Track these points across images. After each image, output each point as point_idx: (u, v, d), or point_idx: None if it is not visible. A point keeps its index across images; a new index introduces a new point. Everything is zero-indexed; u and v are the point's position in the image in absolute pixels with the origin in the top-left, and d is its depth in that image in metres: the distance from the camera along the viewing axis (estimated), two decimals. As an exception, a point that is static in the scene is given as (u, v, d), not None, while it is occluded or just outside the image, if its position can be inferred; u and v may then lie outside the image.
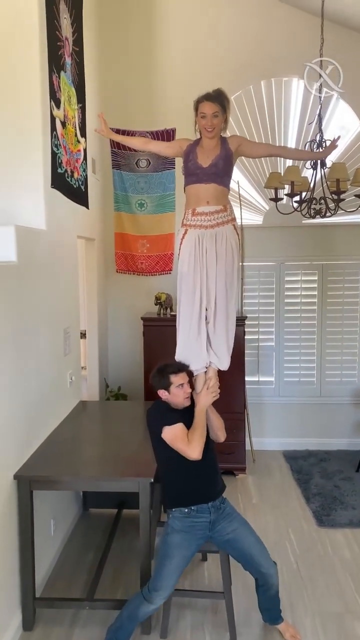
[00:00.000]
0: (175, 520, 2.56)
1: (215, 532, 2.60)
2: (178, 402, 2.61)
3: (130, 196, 5.02)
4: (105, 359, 5.10)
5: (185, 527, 2.55)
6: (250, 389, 5.09)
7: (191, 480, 2.58)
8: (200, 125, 2.71)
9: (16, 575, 2.73)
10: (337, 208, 3.60)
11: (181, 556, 2.53)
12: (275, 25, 4.83)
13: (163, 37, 4.91)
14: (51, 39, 3.25)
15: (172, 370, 2.60)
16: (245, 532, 2.66)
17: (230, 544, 2.62)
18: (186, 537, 2.54)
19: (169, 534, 2.56)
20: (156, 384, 2.63)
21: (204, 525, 2.57)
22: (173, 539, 2.54)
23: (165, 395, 2.61)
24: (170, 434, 2.52)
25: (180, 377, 2.59)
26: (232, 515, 2.66)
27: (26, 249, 2.87)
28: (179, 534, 2.54)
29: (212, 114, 2.67)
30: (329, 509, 4.04)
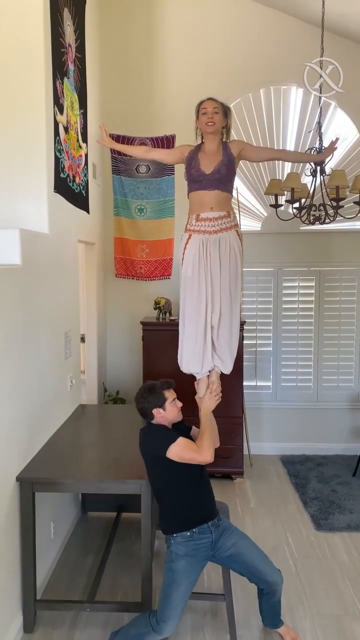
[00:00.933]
0: (179, 545, 2.49)
1: (217, 550, 2.56)
2: (172, 418, 2.58)
3: (130, 201, 5.06)
4: (104, 364, 5.11)
5: (190, 550, 2.49)
6: (248, 393, 5.12)
7: (190, 501, 2.54)
8: (202, 123, 2.75)
9: (17, 577, 2.74)
10: (336, 215, 3.65)
11: (189, 581, 2.49)
12: (274, 35, 4.89)
13: (163, 45, 4.96)
14: (55, 45, 3.29)
15: (163, 387, 2.57)
16: (246, 544, 2.63)
17: (233, 559, 2.59)
18: (191, 561, 2.49)
19: (173, 560, 2.48)
20: (150, 404, 2.55)
21: (207, 546, 2.53)
22: (178, 566, 2.47)
23: (160, 414, 2.55)
24: (177, 449, 2.45)
25: (172, 392, 2.59)
26: (229, 530, 2.62)
27: (30, 253, 2.90)
28: (184, 559, 2.48)
29: (212, 109, 2.72)
30: (327, 513, 4.07)
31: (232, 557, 2.58)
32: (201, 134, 2.81)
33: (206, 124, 2.71)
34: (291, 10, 4.80)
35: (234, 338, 2.77)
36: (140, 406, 2.58)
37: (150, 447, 2.54)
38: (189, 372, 2.80)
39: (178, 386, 3.76)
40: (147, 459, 2.57)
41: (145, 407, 2.56)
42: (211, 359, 2.74)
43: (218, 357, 2.75)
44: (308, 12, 4.60)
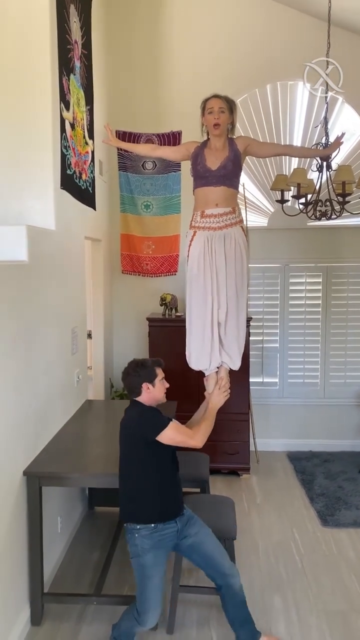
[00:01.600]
0: (144, 539, 2.41)
1: (181, 537, 2.51)
2: (159, 397, 2.53)
3: (136, 198, 5.06)
4: (110, 359, 5.13)
5: (155, 543, 2.42)
6: (255, 390, 5.12)
7: (165, 493, 2.47)
8: (207, 122, 2.74)
9: (25, 570, 2.77)
10: (342, 210, 3.64)
11: (160, 572, 2.45)
12: (281, 29, 4.87)
13: (169, 41, 4.95)
14: (61, 42, 3.29)
15: (155, 363, 2.52)
16: (207, 534, 2.57)
17: (194, 548, 2.53)
18: (158, 552, 2.43)
19: (140, 555, 2.42)
20: (141, 378, 2.47)
21: (172, 535, 2.47)
22: (147, 560, 2.41)
23: (149, 389, 2.47)
24: (170, 432, 2.40)
25: (161, 371, 2.53)
26: (193, 519, 2.58)
27: (37, 249, 2.91)
28: (151, 552, 2.41)
29: (218, 108, 2.71)
30: (333, 509, 4.07)
31: (193, 546, 2.53)
32: (207, 130, 2.80)
33: (213, 125, 2.71)
34: (298, 5, 4.78)
35: (241, 334, 2.77)
36: (129, 380, 2.49)
37: (140, 428, 2.43)
38: (198, 369, 2.81)
39: (186, 382, 3.79)
40: (131, 441, 2.46)
41: (135, 381, 2.47)
42: (219, 355, 2.74)
43: (226, 353, 2.75)
44: (315, 7, 4.58)
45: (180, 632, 2.76)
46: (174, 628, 2.78)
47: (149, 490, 2.44)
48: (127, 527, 2.46)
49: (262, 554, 3.52)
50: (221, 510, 2.94)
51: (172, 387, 4.36)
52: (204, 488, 3.42)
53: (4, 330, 2.52)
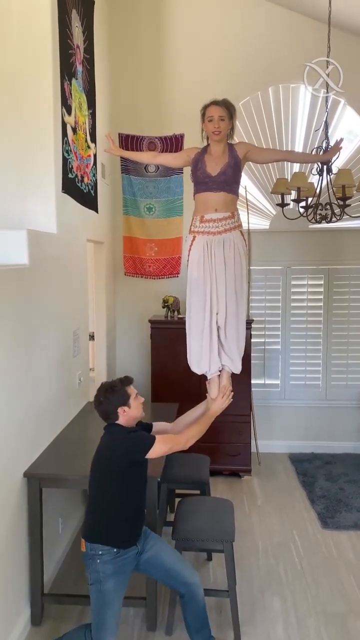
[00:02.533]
0: (106, 565, 2.32)
1: (140, 557, 2.48)
2: (137, 415, 2.47)
3: (139, 200, 5.09)
4: (113, 361, 5.16)
5: (118, 567, 2.35)
6: (256, 391, 5.13)
7: (132, 520, 2.42)
8: (207, 129, 2.77)
9: (25, 571, 2.79)
10: (342, 213, 3.65)
11: (120, 597, 2.37)
12: (283, 32, 4.88)
13: (171, 44, 4.98)
14: (63, 47, 3.32)
15: (124, 383, 2.45)
16: (163, 547, 2.54)
17: (151, 562, 2.48)
18: (120, 577, 2.36)
19: (101, 582, 2.32)
20: (114, 403, 2.40)
21: (132, 558, 2.43)
22: (108, 586, 2.32)
23: (125, 412, 2.41)
24: (159, 446, 2.38)
25: (132, 388, 2.48)
26: (146, 533, 2.55)
27: (37, 252, 2.94)
28: (113, 578, 2.33)
29: (218, 117, 2.73)
30: (334, 511, 4.07)
31: (150, 560, 2.47)
32: (207, 136, 2.83)
33: (213, 133, 2.73)
34: (300, 8, 4.79)
35: (241, 337, 2.79)
36: (103, 408, 2.42)
37: (127, 450, 2.36)
38: (200, 372, 2.83)
39: (187, 384, 3.80)
40: (109, 463, 2.38)
41: (109, 408, 2.41)
42: (219, 359, 2.76)
43: (227, 356, 2.77)
44: (316, 10, 4.59)
45: (179, 633, 2.78)
46: (173, 629, 2.79)
47: (120, 515, 2.38)
48: (87, 553, 2.36)
49: (262, 555, 3.53)
50: (220, 513, 2.95)
51: (174, 389, 4.44)
52: (204, 490, 3.43)
53: (5, 333, 2.55)
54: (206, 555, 3.47)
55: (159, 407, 4.17)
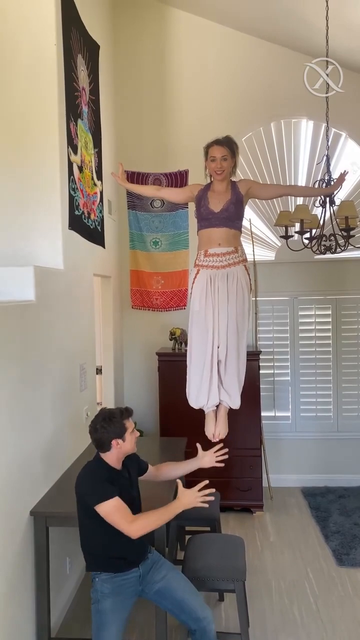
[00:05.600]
0: (104, 583, 2.33)
1: (146, 584, 2.42)
2: (130, 449, 2.43)
3: (145, 235, 5.16)
4: (121, 395, 5.14)
5: (116, 588, 2.33)
6: (267, 424, 5.07)
7: (119, 548, 2.35)
8: (210, 168, 2.82)
9: (32, 614, 2.72)
10: (347, 244, 3.67)
11: (119, 620, 2.32)
12: (282, 70, 5.00)
13: (174, 84, 5.12)
14: (69, 89, 3.43)
15: (123, 415, 2.40)
16: (176, 577, 2.47)
17: (162, 593, 2.42)
18: (119, 598, 2.32)
19: (99, 601, 2.32)
20: (109, 434, 2.34)
21: (134, 581, 2.38)
22: (105, 606, 2.30)
23: (119, 444, 2.36)
24: (106, 509, 2.25)
25: (131, 422, 2.44)
26: (159, 562, 2.49)
27: (44, 289, 2.97)
28: (111, 598, 2.31)
29: (221, 157, 2.78)
30: (349, 547, 3.96)
31: (161, 591, 2.41)
32: (210, 174, 2.88)
33: (215, 172, 2.79)
34: (300, 47, 4.92)
35: (241, 372, 2.78)
36: (97, 436, 2.36)
37: (86, 492, 2.33)
38: (197, 407, 2.81)
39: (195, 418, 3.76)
40: (81, 501, 2.37)
41: (104, 438, 2.35)
42: (217, 393, 2.73)
43: (225, 391, 2.75)
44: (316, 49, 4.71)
45: None
46: (184, 674, 2.69)
47: (103, 546, 2.35)
48: (91, 574, 2.39)
49: (275, 594, 3.42)
50: (231, 550, 2.88)
51: (182, 423, 4.39)
52: (214, 527, 3.36)
53: (11, 370, 2.55)
54: (218, 596, 3.37)
55: (168, 442, 4.12)
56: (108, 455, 2.40)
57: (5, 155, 3.24)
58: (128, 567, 2.37)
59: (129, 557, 2.38)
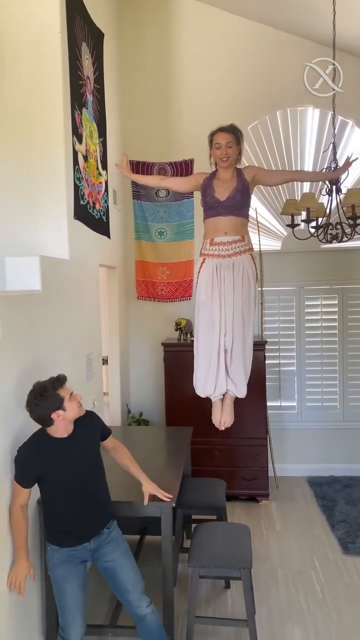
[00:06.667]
0: (54, 553, 2.42)
1: (97, 556, 2.49)
2: (75, 414, 2.37)
3: (150, 225, 5.14)
4: (127, 385, 5.15)
5: (64, 557, 2.41)
6: (272, 414, 5.07)
7: (64, 521, 2.42)
8: (215, 156, 2.80)
9: (39, 602, 2.75)
10: (353, 233, 3.64)
11: (74, 586, 2.40)
12: (288, 57, 4.95)
13: (179, 72, 5.08)
14: (73, 78, 3.41)
15: (55, 386, 2.32)
16: (124, 564, 2.51)
17: (108, 573, 2.51)
18: (68, 567, 2.40)
19: (51, 569, 2.43)
20: (46, 409, 2.29)
21: (84, 552, 2.44)
22: (57, 574, 2.41)
23: (61, 416, 2.31)
24: (13, 487, 2.37)
25: (66, 389, 2.36)
26: (116, 542, 2.52)
27: (50, 278, 2.97)
28: (61, 567, 2.40)
29: (226, 143, 2.76)
30: (355, 536, 3.97)
31: (107, 570, 2.50)
32: (215, 162, 2.86)
33: (221, 159, 2.77)
34: (306, 34, 4.87)
35: (247, 361, 2.77)
36: (35, 415, 2.31)
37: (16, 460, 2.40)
38: (204, 395, 2.81)
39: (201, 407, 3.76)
40: None
41: (42, 414, 2.30)
42: (224, 382, 2.73)
43: (231, 380, 2.75)
44: (322, 35, 4.66)
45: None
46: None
47: (50, 516, 2.45)
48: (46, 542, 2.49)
49: (281, 582, 3.44)
50: (237, 539, 2.90)
51: (187, 412, 4.40)
52: (221, 515, 3.37)
53: (18, 359, 2.56)
54: (224, 583, 3.39)
55: (173, 431, 4.14)
56: (53, 428, 2.36)
57: (9, 145, 3.23)
58: (75, 542, 2.41)
59: (74, 532, 2.41)
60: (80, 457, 2.42)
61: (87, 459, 2.46)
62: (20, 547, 2.35)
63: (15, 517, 2.36)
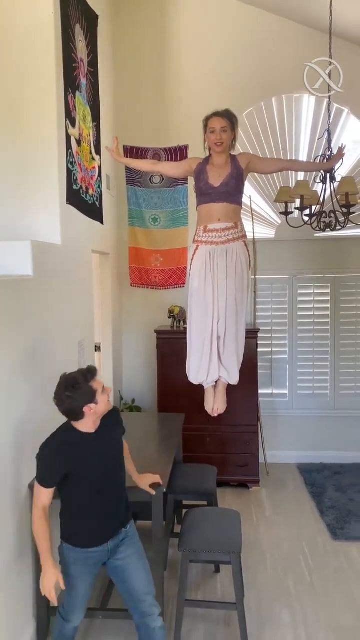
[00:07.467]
0: (70, 551, 2.31)
1: (112, 556, 2.37)
2: (104, 410, 2.28)
3: (144, 211, 5.11)
4: (119, 372, 5.15)
5: (80, 558, 2.30)
6: (264, 401, 5.10)
7: (88, 520, 2.30)
8: (210, 140, 2.78)
9: (31, 584, 2.77)
10: (347, 221, 3.64)
11: (84, 584, 2.34)
12: (285, 43, 4.91)
13: (175, 56, 5.02)
14: (67, 61, 3.36)
15: (87, 378, 2.22)
16: (137, 564, 2.37)
17: (117, 572, 2.37)
18: (83, 568, 2.31)
19: (66, 565, 2.33)
20: (79, 402, 2.18)
21: (101, 554, 2.33)
22: (71, 572, 2.31)
23: (92, 409, 2.21)
24: (35, 489, 2.25)
25: (98, 381, 2.26)
26: (131, 540, 2.39)
27: (42, 264, 2.95)
28: (75, 566, 2.31)
29: (220, 128, 2.74)
30: (344, 522, 4.02)
31: (117, 570, 2.36)
32: (209, 147, 2.84)
33: (215, 144, 2.74)
34: (303, 20, 4.82)
35: (240, 349, 2.78)
36: (66, 407, 2.20)
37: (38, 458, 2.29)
38: (197, 382, 2.82)
39: (193, 395, 3.78)
40: None
41: (74, 407, 2.19)
42: (217, 369, 2.74)
43: (224, 367, 2.75)
44: (320, 21, 4.61)
45: None
46: None
47: (68, 516, 2.34)
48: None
49: (270, 567, 3.48)
50: (227, 524, 2.92)
51: (181, 399, 4.42)
52: (211, 501, 3.40)
53: (9, 345, 2.55)
54: (214, 568, 3.43)
55: (166, 418, 4.15)
56: (82, 422, 2.26)
57: (1, 128, 3.19)
58: (94, 543, 2.30)
59: (94, 533, 2.30)
60: (106, 453, 2.31)
61: (112, 455, 2.36)
62: (46, 553, 2.21)
63: (39, 522, 2.22)
